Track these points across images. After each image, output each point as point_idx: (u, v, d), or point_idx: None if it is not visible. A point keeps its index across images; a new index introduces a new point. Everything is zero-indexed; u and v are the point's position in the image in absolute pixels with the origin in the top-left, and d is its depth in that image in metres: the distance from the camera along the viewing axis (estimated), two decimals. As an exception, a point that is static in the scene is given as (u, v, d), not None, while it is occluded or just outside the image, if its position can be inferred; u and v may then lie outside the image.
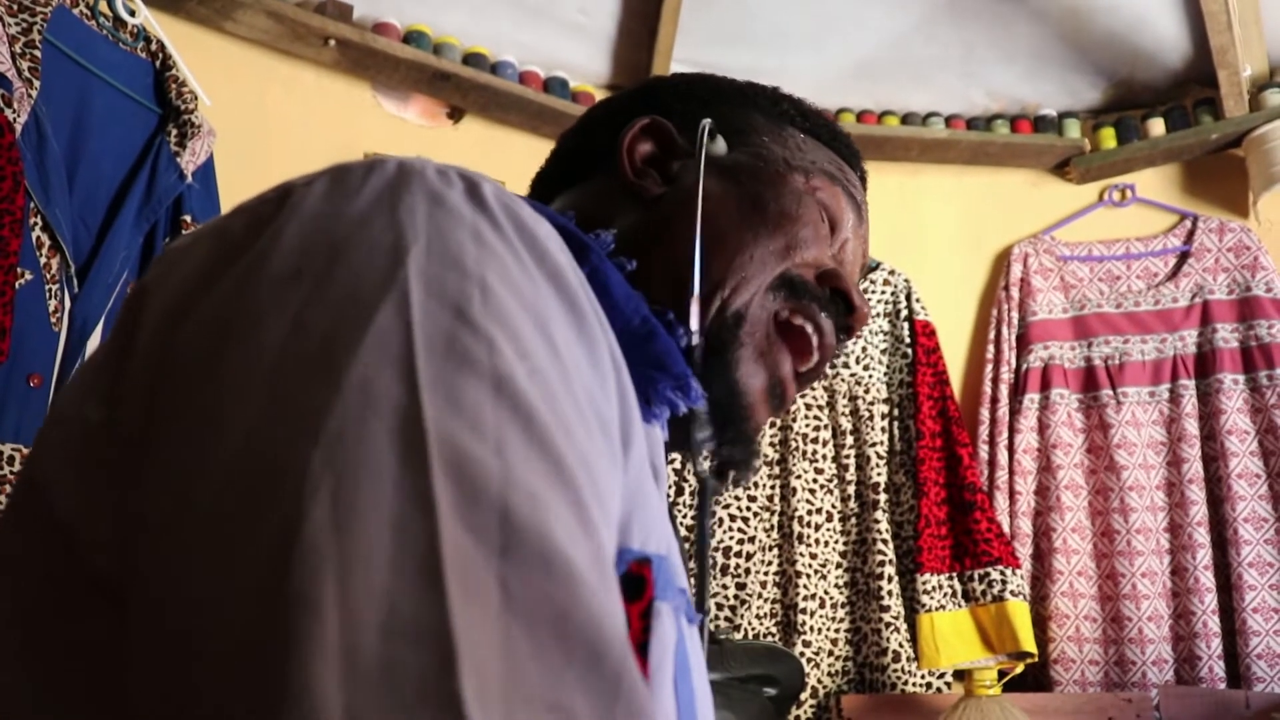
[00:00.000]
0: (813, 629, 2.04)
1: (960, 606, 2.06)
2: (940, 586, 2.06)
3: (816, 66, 2.33)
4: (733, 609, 2.04)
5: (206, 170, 1.70)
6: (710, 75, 0.70)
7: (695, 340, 0.56)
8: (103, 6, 1.62)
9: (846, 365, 2.21)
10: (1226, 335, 2.20)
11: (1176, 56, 2.33)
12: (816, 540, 2.10)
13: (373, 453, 0.30)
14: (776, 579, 2.09)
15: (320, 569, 0.27)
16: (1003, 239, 2.43)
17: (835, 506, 2.14)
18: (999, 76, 2.40)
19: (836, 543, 2.13)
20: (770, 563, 2.09)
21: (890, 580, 2.07)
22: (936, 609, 2.04)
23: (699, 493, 0.56)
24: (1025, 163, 2.46)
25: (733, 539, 2.07)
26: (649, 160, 0.65)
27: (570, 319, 0.40)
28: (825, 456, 2.16)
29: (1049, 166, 2.47)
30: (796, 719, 1.99)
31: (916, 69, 2.36)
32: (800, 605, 2.04)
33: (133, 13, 1.65)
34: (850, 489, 2.15)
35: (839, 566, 2.11)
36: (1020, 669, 2.05)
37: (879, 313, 2.28)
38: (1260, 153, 2.23)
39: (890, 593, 2.06)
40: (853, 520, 2.15)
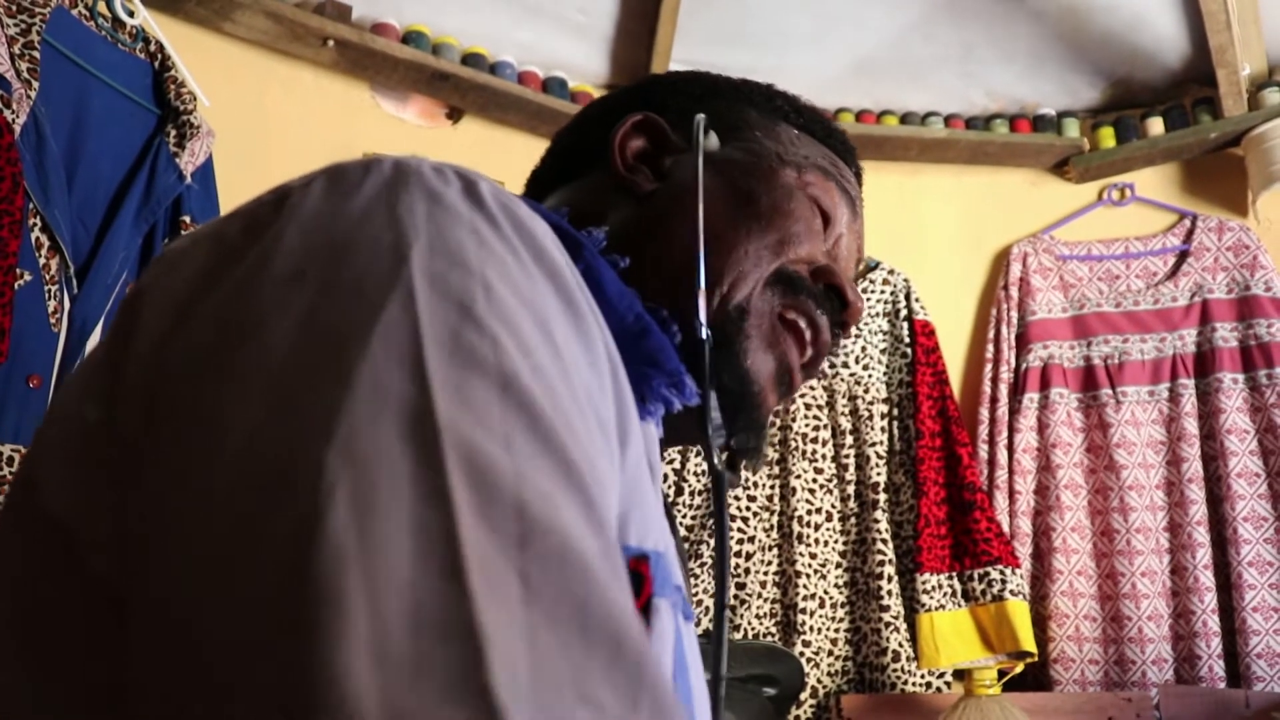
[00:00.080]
0: (812, 629, 2.04)
1: (960, 606, 2.06)
2: (940, 586, 2.06)
3: (815, 66, 2.33)
4: (732, 609, 2.04)
5: (206, 171, 1.70)
6: (704, 72, 0.70)
7: (705, 333, 0.56)
8: (101, 7, 1.61)
9: (846, 365, 2.21)
10: (1226, 334, 2.20)
11: (1175, 56, 2.33)
12: (816, 540, 2.09)
13: (388, 450, 0.30)
14: (776, 579, 2.09)
15: (344, 565, 0.27)
16: (1002, 238, 2.43)
17: (835, 506, 2.14)
18: (998, 76, 2.40)
19: (836, 542, 2.12)
20: (770, 562, 2.09)
21: (890, 580, 2.07)
22: (936, 609, 2.04)
23: (714, 486, 0.56)
24: (1024, 162, 2.46)
25: (732, 539, 2.07)
26: (641, 156, 0.65)
27: (568, 316, 0.40)
28: (825, 456, 2.16)
29: (1048, 166, 2.47)
30: (796, 719, 1.99)
31: (915, 68, 2.36)
32: (800, 605, 2.04)
33: (131, 13, 1.65)
34: (850, 489, 2.15)
35: (839, 566, 2.11)
36: (1020, 668, 2.05)
37: (878, 312, 2.28)
38: (1259, 152, 2.23)
39: (890, 592, 2.06)
40: (852, 520, 2.15)
